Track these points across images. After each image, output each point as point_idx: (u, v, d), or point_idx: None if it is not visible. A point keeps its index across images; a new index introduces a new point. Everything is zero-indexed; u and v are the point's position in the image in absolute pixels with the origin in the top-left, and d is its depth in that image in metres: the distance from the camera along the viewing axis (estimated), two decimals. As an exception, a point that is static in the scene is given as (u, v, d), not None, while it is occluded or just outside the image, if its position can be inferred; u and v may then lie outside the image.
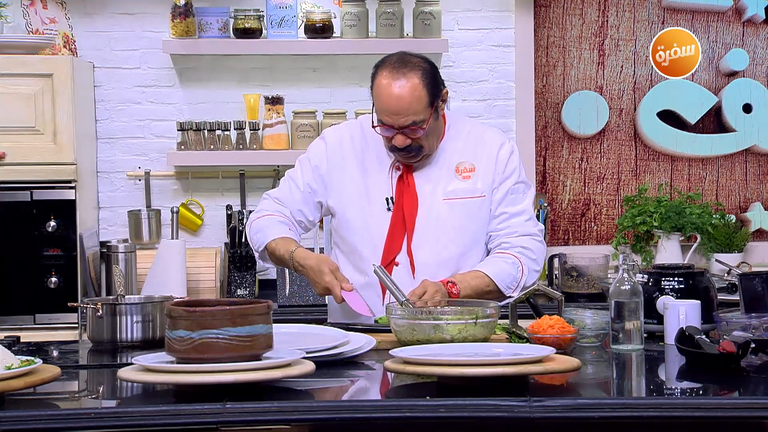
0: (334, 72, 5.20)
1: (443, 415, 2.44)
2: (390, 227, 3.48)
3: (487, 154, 3.52)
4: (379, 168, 3.52)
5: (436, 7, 5.03)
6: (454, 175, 3.50)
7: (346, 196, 3.54)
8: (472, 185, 3.50)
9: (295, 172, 3.62)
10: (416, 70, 3.37)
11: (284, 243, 3.46)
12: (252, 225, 3.59)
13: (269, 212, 3.59)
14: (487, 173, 3.51)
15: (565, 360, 2.68)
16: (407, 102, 3.34)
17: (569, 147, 5.31)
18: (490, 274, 3.43)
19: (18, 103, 4.57)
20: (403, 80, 3.34)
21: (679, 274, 3.29)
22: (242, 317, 2.54)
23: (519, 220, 3.53)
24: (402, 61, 3.39)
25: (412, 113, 3.35)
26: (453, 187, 3.49)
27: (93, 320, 3.21)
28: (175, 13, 4.96)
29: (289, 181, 3.62)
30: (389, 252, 3.47)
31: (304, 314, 4.66)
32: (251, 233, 3.58)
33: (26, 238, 4.60)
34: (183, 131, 5.00)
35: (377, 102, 3.39)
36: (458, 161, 3.51)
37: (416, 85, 3.35)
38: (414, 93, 3.34)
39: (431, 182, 3.50)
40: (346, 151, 3.55)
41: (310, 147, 3.65)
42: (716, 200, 5.31)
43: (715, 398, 2.61)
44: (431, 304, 3.16)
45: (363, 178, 3.52)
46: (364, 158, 3.54)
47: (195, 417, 2.41)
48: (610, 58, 5.29)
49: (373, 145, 3.54)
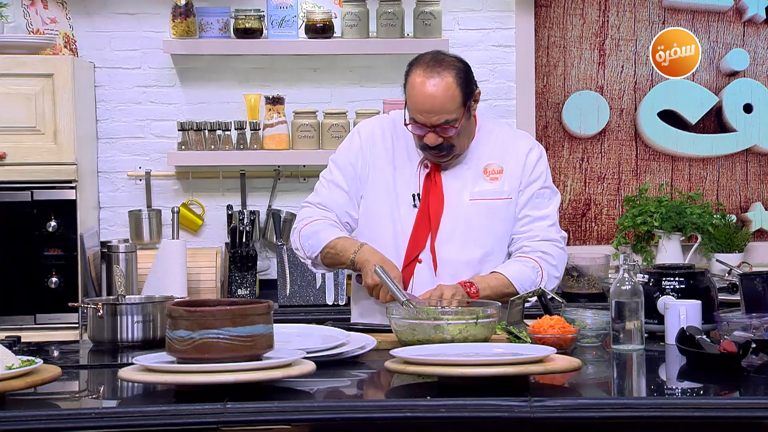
0: (335, 72, 5.20)
1: (443, 415, 2.44)
2: (415, 224, 3.47)
3: (516, 157, 3.52)
4: (408, 164, 3.51)
5: (436, 7, 5.03)
6: (481, 176, 3.50)
7: (375, 190, 3.52)
8: (499, 187, 3.50)
9: (331, 173, 3.58)
10: (450, 69, 3.37)
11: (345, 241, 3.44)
12: (302, 233, 3.52)
13: (315, 218, 3.53)
14: (514, 176, 3.51)
15: (565, 360, 2.68)
16: (440, 101, 3.34)
17: (570, 147, 5.31)
18: (510, 276, 3.43)
19: (18, 103, 4.57)
20: (437, 79, 3.34)
21: (680, 274, 3.29)
22: (243, 317, 2.54)
23: (542, 225, 3.52)
24: (436, 60, 3.39)
25: (445, 112, 3.35)
26: (480, 188, 3.49)
27: (93, 320, 3.21)
28: (176, 13, 4.96)
29: (329, 183, 3.57)
30: (413, 248, 3.46)
31: (304, 314, 4.67)
32: (302, 241, 3.52)
33: (27, 238, 4.60)
34: (183, 131, 5.00)
35: (410, 100, 3.38)
36: (486, 163, 3.51)
37: (450, 84, 3.35)
38: (447, 92, 3.34)
39: (458, 182, 3.49)
40: (377, 145, 3.54)
41: (342, 145, 3.61)
42: (717, 200, 5.31)
43: (715, 398, 2.61)
44: (449, 304, 3.16)
45: (392, 173, 3.52)
46: (394, 153, 3.53)
47: (195, 417, 2.41)
48: (611, 58, 5.29)
49: (404, 141, 3.53)
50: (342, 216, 3.55)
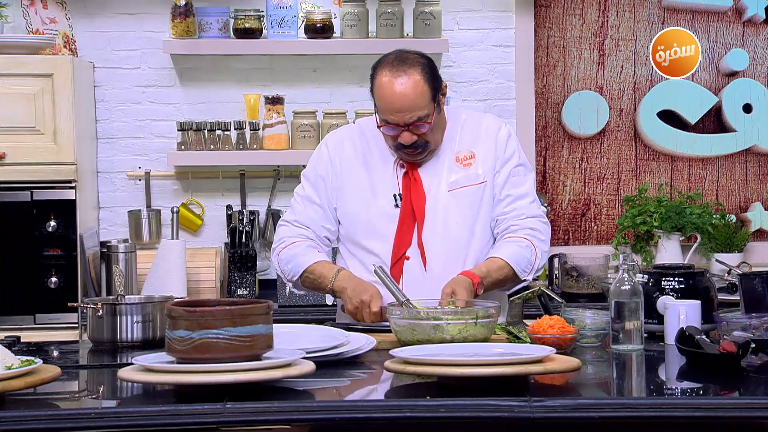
0: (334, 72, 5.20)
1: (443, 415, 2.44)
2: (399, 223, 3.48)
3: (485, 139, 3.54)
4: (383, 167, 3.53)
5: (436, 7, 5.03)
6: (455, 165, 3.51)
7: (353, 197, 3.53)
8: (474, 172, 3.51)
9: (304, 189, 3.60)
10: (416, 66, 3.39)
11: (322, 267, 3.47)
12: (280, 256, 3.55)
13: (294, 239, 3.56)
14: (487, 158, 3.52)
15: (565, 360, 2.68)
16: (411, 98, 3.35)
17: (569, 147, 5.31)
18: (506, 258, 3.43)
19: (18, 103, 4.57)
20: (405, 77, 3.36)
21: (680, 274, 3.29)
22: (242, 317, 2.54)
23: (524, 203, 3.53)
24: (401, 59, 3.41)
25: (417, 109, 3.36)
26: (455, 177, 3.50)
27: (93, 320, 3.21)
28: (176, 13, 4.96)
29: (302, 200, 3.59)
30: (399, 247, 3.47)
31: (304, 314, 4.67)
32: (281, 265, 3.55)
33: (26, 238, 4.60)
34: (183, 131, 5.00)
35: (381, 102, 3.39)
36: (457, 150, 3.52)
37: (418, 81, 3.36)
38: (417, 89, 3.36)
39: (436, 175, 3.51)
40: (348, 153, 3.56)
41: (312, 158, 3.63)
42: (716, 200, 5.31)
43: (715, 398, 2.61)
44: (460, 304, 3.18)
45: (368, 177, 3.53)
46: (366, 159, 3.54)
47: (195, 417, 2.41)
48: (611, 58, 5.29)
49: (375, 145, 3.54)
50: (319, 231, 3.57)
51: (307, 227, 3.57)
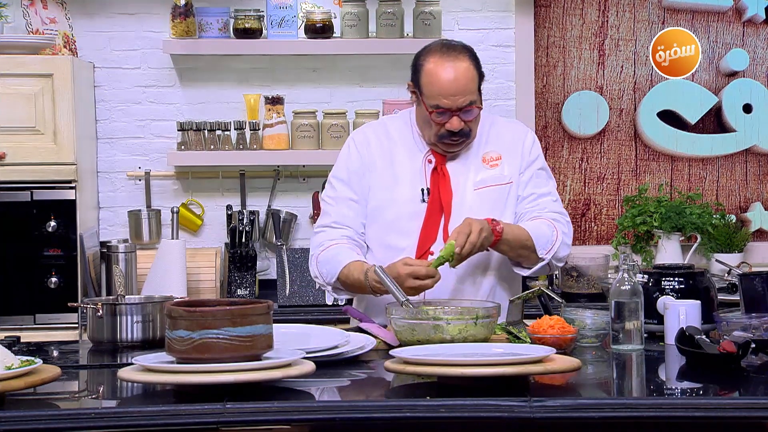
0: (334, 72, 5.20)
1: (443, 415, 2.44)
2: (425, 217, 3.47)
3: (512, 142, 3.56)
4: (411, 161, 3.52)
5: (436, 7, 5.03)
6: (481, 165, 3.53)
7: (379, 192, 3.52)
8: (500, 172, 3.52)
9: (335, 189, 3.55)
10: (465, 53, 3.43)
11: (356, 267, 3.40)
12: (318, 259, 3.50)
13: (334, 241, 3.50)
14: (513, 160, 3.54)
15: (565, 360, 2.68)
16: (463, 82, 3.37)
17: (569, 147, 5.31)
18: (529, 230, 3.43)
19: (18, 103, 4.58)
20: (457, 62, 3.39)
21: (680, 274, 3.29)
22: (242, 317, 2.54)
23: (547, 200, 3.55)
24: (449, 46, 3.44)
25: (469, 93, 3.38)
26: (482, 176, 3.51)
27: (93, 320, 3.21)
28: (176, 13, 4.96)
29: (336, 200, 3.54)
30: (424, 242, 3.45)
31: (304, 314, 4.67)
32: (319, 268, 3.50)
33: (26, 238, 4.60)
34: (183, 131, 5.00)
35: (432, 87, 3.38)
36: (484, 151, 3.54)
37: (468, 65, 3.40)
38: (468, 74, 3.39)
39: (463, 173, 3.51)
40: (374, 148, 3.55)
41: (340, 157, 3.60)
42: (716, 200, 5.31)
43: (715, 398, 2.61)
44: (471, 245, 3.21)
45: (394, 172, 3.51)
46: (392, 154, 3.53)
47: (195, 417, 2.42)
48: (610, 58, 5.29)
49: (401, 141, 3.54)
50: (358, 228, 3.53)
51: (347, 226, 3.52)
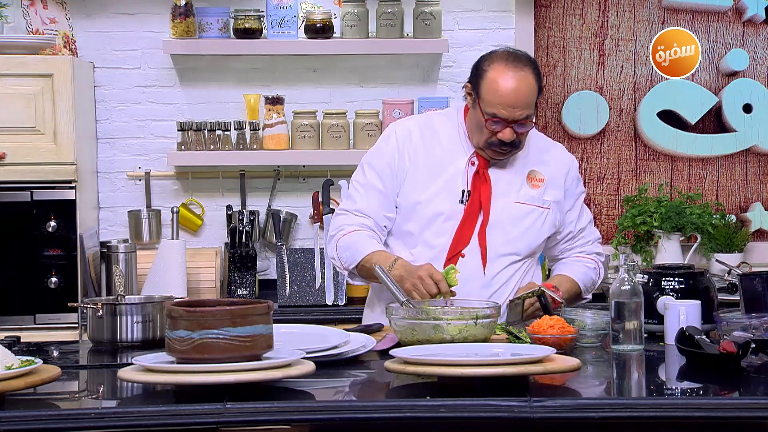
0: (334, 72, 5.20)
1: (443, 415, 2.44)
2: (462, 219, 3.44)
3: (558, 169, 3.55)
4: (453, 162, 3.48)
5: (436, 7, 5.03)
6: (525, 181, 3.50)
7: (417, 188, 3.48)
8: (540, 195, 3.50)
9: (366, 176, 3.53)
10: (530, 65, 3.39)
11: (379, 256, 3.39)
12: (339, 243, 3.48)
13: (354, 227, 3.49)
14: (555, 190, 3.53)
15: (565, 360, 2.68)
16: (524, 95, 3.34)
17: (569, 147, 5.29)
18: (579, 281, 3.56)
19: (18, 103, 4.58)
20: (522, 73, 3.35)
21: (680, 274, 3.30)
22: (242, 317, 2.54)
23: (591, 228, 3.67)
24: (515, 55, 3.40)
25: (527, 107, 3.35)
26: (524, 193, 3.49)
27: (93, 320, 3.21)
28: (176, 14, 4.96)
29: (363, 187, 3.52)
30: (458, 243, 3.43)
31: (304, 314, 4.67)
32: (339, 252, 3.48)
33: (26, 238, 4.60)
34: (183, 131, 5.00)
35: (492, 95, 3.34)
36: (531, 169, 3.51)
37: (532, 79, 3.36)
38: (530, 87, 3.35)
39: (505, 182, 3.48)
40: (416, 143, 3.50)
41: (377, 145, 3.57)
42: (716, 200, 5.31)
43: (715, 398, 2.61)
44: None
45: (435, 170, 3.48)
46: (435, 152, 3.50)
47: (195, 417, 2.42)
48: (611, 58, 5.29)
49: (445, 139, 3.51)
50: (380, 220, 3.51)
51: (369, 216, 3.50)
